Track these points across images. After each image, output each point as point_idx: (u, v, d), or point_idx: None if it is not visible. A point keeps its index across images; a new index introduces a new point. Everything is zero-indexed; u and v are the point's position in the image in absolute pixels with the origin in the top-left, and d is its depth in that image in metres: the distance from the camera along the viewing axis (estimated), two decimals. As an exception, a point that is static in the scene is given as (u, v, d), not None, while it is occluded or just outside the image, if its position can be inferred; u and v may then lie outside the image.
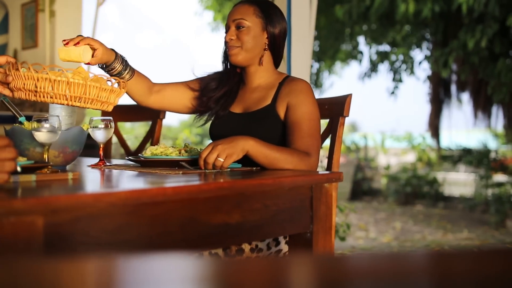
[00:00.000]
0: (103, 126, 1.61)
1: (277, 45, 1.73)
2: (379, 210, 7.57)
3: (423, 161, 9.40)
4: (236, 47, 1.67)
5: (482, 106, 8.27)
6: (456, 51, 6.38)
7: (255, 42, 1.67)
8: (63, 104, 1.34)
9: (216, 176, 1.27)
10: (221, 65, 1.81)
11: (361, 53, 8.39)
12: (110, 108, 1.44)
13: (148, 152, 1.55)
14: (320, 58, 8.79)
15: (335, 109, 1.81)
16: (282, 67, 2.77)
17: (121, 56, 1.60)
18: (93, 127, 1.61)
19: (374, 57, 8.25)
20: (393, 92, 8.12)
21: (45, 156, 1.30)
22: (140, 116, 2.52)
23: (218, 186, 1.13)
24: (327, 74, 9.47)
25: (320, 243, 1.35)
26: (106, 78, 1.44)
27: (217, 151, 1.37)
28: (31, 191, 0.99)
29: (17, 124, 1.48)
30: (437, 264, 0.45)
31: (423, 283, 0.41)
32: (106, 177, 1.35)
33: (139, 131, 10.17)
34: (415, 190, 8.11)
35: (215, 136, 1.74)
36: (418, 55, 9.89)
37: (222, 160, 1.37)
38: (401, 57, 8.07)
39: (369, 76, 8.32)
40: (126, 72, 1.61)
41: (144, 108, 1.77)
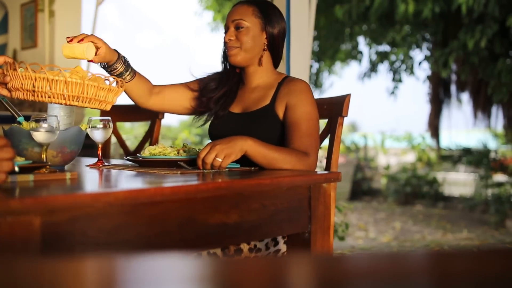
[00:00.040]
0: (102, 126, 1.61)
1: (276, 45, 1.73)
2: (379, 210, 7.57)
3: (423, 161, 9.39)
4: (235, 48, 1.67)
5: (482, 106, 8.27)
6: (456, 51, 6.38)
7: (254, 43, 1.67)
8: (61, 104, 1.34)
9: (214, 176, 1.26)
10: (220, 66, 1.81)
11: (361, 53, 8.38)
12: (108, 107, 1.44)
13: (147, 152, 1.54)
14: (320, 58, 8.79)
15: (334, 109, 1.81)
16: (281, 67, 2.77)
17: (123, 57, 1.61)
18: (91, 127, 1.61)
19: (374, 57, 8.24)
20: (393, 92, 8.12)
21: (43, 156, 1.30)
22: (139, 116, 2.52)
23: (216, 186, 1.13)
24: (327, 74, 9.47)
25: (318, 243, 1.35)
26: (104, 77, 1.44)
27: (215, 151, 1.37)
28: (29, 191, 0.99)
29: (16, 124, 1.48)
30: (436, 264, 0.45)
31: (422, 283, 0.40)
32: (104, 177, 1.34)
33: (139, 131, 10.17)
34: (414, 190, 8.11)
35: (214, 136, 1.74)
36: (418, 55, 9.89)
37: (220, 160, 1.37)
38: (401, 57, 8.07)
39: (368, 76, 8.32)
40: (127, 73, 1.62)
41: (143, 108, 1.77)
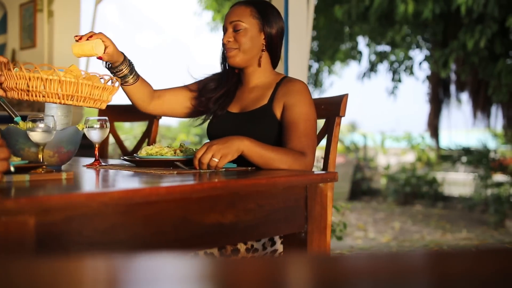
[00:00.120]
0: (99, 126, 1.61)
1: (275, 45, 1.73)
2: (378, 210, 7.57)
3: (422, 161, 9.39)
4: (234, 49, 1.68)
5: (481, 106, 8.27)
6: (456, 51, 6.37)
7: (252, 44, 1.68)
8: (55, 103, 1.34)
9: (211, 176, 1.26)
10: (219, 66, 1.82)
11: (360, 53, 8.38)
12: (103, 106, 1.44)
13: (143, 152, 1.54)
14: (319, 58, 8.79)
15: (332, 109, 1.81)
16: (280, 67, 2.77)
17: (129, 60, 1.64)
18: (88, 127, 1.61)
19: (373, 57, 8.24)
20: (392, 92, 8.12)
21: (40, 156, 1.30)
22: (137, 116, 2.52)
23: (211, 186, 1.13)
24: (327, 74, 9.47)
25: (315, 243, 1.35)
26: (98, 75, 1.44)
27: (212, 151, 1.37)
28: (24, 191, 0.99)
29: (12, 124, 1.48)
30: (434, 263, 0.44)
31: (421, 283, 0.40)
32: (100, 177, 1.34)
33: (138, 131, 10.16)
34: (414, 190, 8.11)
35: (213, 135, 1.75)
36: (418, 55, 9.89)
37: (217, 160, 1.37)
38: (400, 57, 8.07)
39: (368, 76, 8.32)
40: (131, 76, 1.65)
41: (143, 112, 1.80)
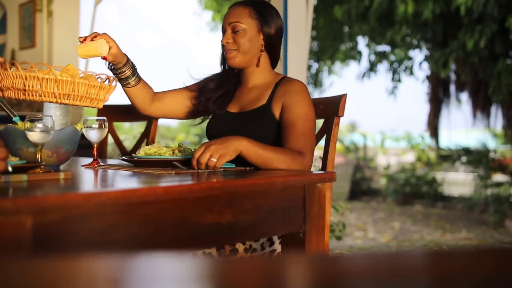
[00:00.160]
0: (97, 126, 1.61)
1: (274, 45, 1.73)
2: (378, 210, 7.57)
3: (422, 161, 9.39)
4: (233, 50, 1.68)
5: (481, 106, 8.26)
6: (455, 51, 6.37)
7: (251, 44, 1.68)
8: (52, 102, 1.34)
9: (209, 176, 1.26)
10: (219, 66, 1.82)
11: (360, 53, 8.38)
12: (100, 105, 1.44)
13: (142, 152, 1.54)
14: (319, 58, 8.79)
15: (330, 109, 1.81)
16: (279, 67, 2.77)
17: (132, 62, 1.64)
18: (87, 127, 1.61)
19: (373, 57, 8.24)
20: (392, 92, 8.12)
21: (38, 156, 1.30)
22: (136, 116, 2.51)
23: (209, 186, 1.12)
24: (327, 74, 9.47)
25: (313, 243, 1.35)
26: (95, 74, 1.44)
27: (210, 151, 1.37)
28: (21, 191, 0.99)
29: (11, 124, 1.48)
30: (434, 263, 0.44)
31: (420, 282, 0.40)
32: (98, 177, 1.34)
33: (138, 131, 10.16)
34: (414, 190, 8.10)
35: (212, 135, 1.75)
36: (418, 55, 9.88)
37: (215, 160, 1.37)
38: (400, 56, 8.06)
39: (368, 76, 8.32)
40: (133, 78, 1.65)
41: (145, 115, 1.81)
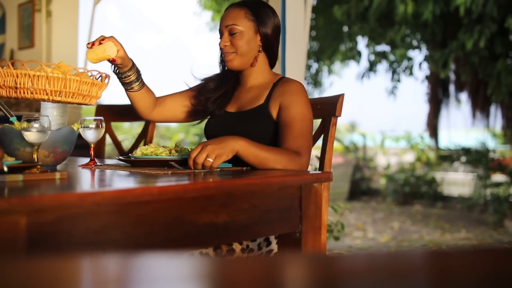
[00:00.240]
0: (94, 126, 1.61)
1: (271, 45, 1.73)
2: (377, 210, 7.56)
3: (421, 161, 9.39)
4: (231, 53, 1.68)
5: (480, 106, 8.26)
6: (455, 51, 6.37)
7: (249, 46, 1.68)
8: (44, 100, 1.34)
9: (205, 176, 1.26)
10: (218, 67, 1.83)
11: (359, 53, 8.37)
12: (93, 102, 1.44)
13: (139, 152, 1.54)
14: (319, 58, 8.79)
15: (327, 109, 1.81)
16: (277, 67, 2.77)
17: (137, 67, 1.65)
18: (84, 127, 1.61)
19: (372, 57, 8.23)
20: (392, 92, 8.11)
21: (35, 156, 1.30)
22: (134, 116, 2.51)
23: (204, 186, 1.12)
24: (326, 74, 9.46)
25: (309, 243, 1.35)
26: (87, 71, 1.44)
27: (206, 151, 1.37)
28: (16, 191, 0.99)
29: (8, 124, 1.48)
30: (433, 262, 0.44)
31: (419, 282, 0.40)
32: (94, 177, 1.34)
33: (137, 131, 10.16)
34: (413, 190, 8.10)
35: (210, 135, 1.76)
36: (418, 56, 9.88)
37: (211, 160, 1.37)
38: (400, 57, 8.05)
39: (367, 76, 8.31)
40: (137, 83, 1.67)
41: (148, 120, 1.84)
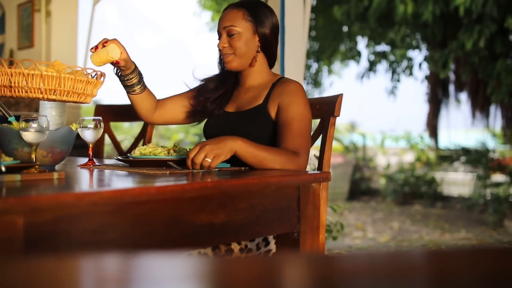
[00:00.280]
0: (93, 126, 1.61)
1: (270, 45, 1.73)
2: (377, 210, 7.56)
3: (421, 161, 9.38)
4: (230, 54, 1.69)
5: (480, 106, 8.26)
6: (455, 51, 6.37)
7: (247, 47, 1.68)
8: (38, 98, 1.34)
9: (203, 176, 1.26)
10: (217, 68, 1.84)
11: (359, 53, 8.37)
12: (88, 100, 1.44)
13: (137, 151, 1.54)
14: (319, 58, 8.79)
15: (326, 109, 1.81)
16: (276, 67, 2.77)
17: (139, 70, 1.66)
18: (82, 127, 1.61)
19: (372, 57, 8.23)
20: (392, 92, 8.11)
21: (33, 156, 1.30)
22: (133, 116, 2.51)
23: (202, 186, 1.12)
24: (326, 74, 9.46)
25: (307, 243, 1.35)
26: (81, 69, 1.44)
27: (204, 151, 1.37)
28: (13, 191, 0.99)
29: (6, 124, 1.48)
30: (433, 262, 0.44)
31: (419, 282, 0.40)
32: (92, 177, 1.34)
33: (137, 131, 10.16)
34: (413, 190, 8.10)
35: (209, 135, 1.76)
36: (418, 56, 9.88)
37: (209, 160, 1.37)
38: (400, 57, 8.05)
39: (367, 76, 8.31)
40: (139, 86, 1.68)
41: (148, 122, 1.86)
